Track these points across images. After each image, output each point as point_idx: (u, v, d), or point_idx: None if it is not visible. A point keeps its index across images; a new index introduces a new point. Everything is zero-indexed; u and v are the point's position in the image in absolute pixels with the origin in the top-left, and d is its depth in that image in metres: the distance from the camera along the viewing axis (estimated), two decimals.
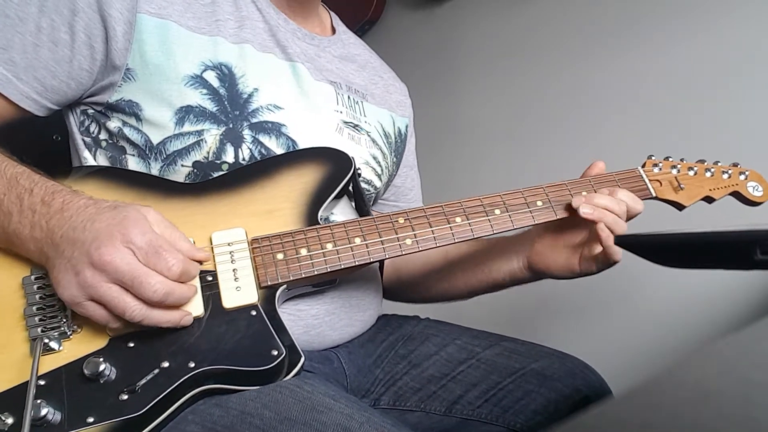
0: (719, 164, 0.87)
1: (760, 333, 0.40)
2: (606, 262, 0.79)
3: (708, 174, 0.86)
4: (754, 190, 0.86)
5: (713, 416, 0.28)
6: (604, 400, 0.84)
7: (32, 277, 0.65)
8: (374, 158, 0.92)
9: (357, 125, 0.90)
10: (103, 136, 0.79)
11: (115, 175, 0.74)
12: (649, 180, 0.83)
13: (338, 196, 0.78)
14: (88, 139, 0.80)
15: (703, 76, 1.35)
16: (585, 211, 0.76)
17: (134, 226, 0.60)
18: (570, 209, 0.79)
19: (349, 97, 0.92)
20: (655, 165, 0.85)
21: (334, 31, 0.99)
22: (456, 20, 1.98)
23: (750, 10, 1.29)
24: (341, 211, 0.84)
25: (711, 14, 1.35)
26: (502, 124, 1.79)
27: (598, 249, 0.78)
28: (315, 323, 0.78)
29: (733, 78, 1.30)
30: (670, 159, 0.86)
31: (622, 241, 0.73)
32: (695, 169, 0.86)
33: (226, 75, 0.78)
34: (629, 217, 0.79)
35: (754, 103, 1.25)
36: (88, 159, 0.80)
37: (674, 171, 0.85)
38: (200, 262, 0.65)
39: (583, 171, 0.86)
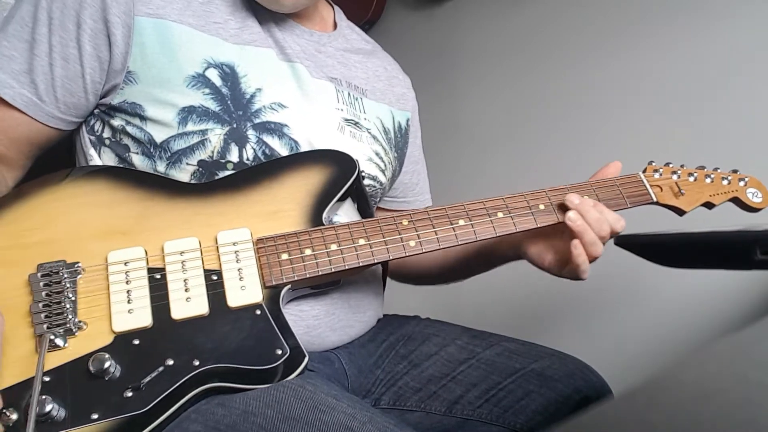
0: (719, 170, 0.88)
1: (760, 333, 0.40)
2: (572, 275, 0.78)
3: (708, 180, 0.87)
4: (753, 196, 0.87)
5: (713, 416, 0.28)
6: (605, 400, 0.85)
7: (39, 275, 0.65)
8: (377, 154, 0.92)
9: (357, 122, 0.90)
10: (107, 134, 0.80)
11: (122, 174, 0.74)
12: (650, 185, 0.84)
13: (342, 198, 0.79)
14: (93, 137, 0.81)
15: (705, 77, 1.35)
16: (570, 217, 0.75)
17: None
18: (565, 208, 0.78)
19: (349, 94, 0.91)
20: (656, 170, 0.86)
21: (336, 26, 0.98)
22: (456, 20, 1.99)
23: (751, 11, 1.29)
24: (345, 213, 0.84)
25: (713, 14, 1.35)
26: (503, 125, 1.80)
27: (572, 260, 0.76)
28: (315, 324, 0.78)
29: (735, 79, 1.30)
30: (671, 165, 0.87)
31: (623, 241, 0.74)
32: (695, 175, 0.87)
33: (229, 74, 0.78)
34: (603, 238, 0.77)
35: (756, 104, 1.25)
36: (94, 156, 0.80)
37: (675, 177, 0.86)
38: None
39: (596, 171, 0.85)
